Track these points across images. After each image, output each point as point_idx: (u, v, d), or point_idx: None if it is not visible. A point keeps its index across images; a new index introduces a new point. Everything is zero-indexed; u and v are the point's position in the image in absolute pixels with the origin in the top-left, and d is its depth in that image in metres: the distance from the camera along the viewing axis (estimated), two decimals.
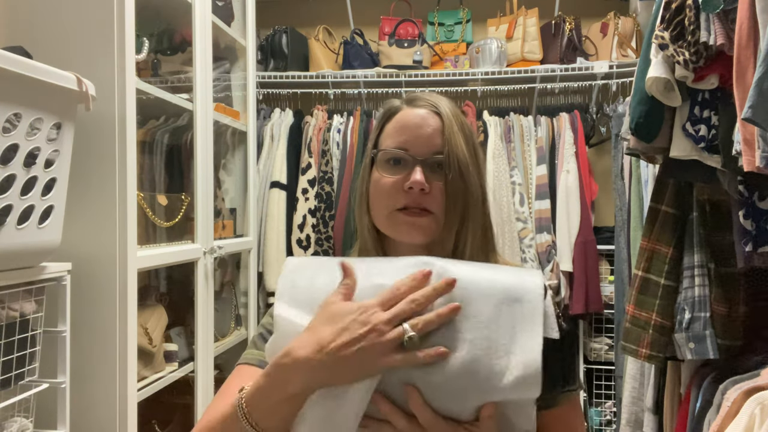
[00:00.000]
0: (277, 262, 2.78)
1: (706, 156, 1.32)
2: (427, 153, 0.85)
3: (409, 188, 0.84)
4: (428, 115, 0.88)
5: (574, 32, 2.84)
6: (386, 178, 0.86)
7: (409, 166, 0.85)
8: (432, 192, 0.85)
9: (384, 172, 0.87)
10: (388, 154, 0.87)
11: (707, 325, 1.39)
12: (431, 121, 0.87)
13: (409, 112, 0.89)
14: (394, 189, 0.85)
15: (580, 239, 2.64)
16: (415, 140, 0.86)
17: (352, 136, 2.84)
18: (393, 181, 0.86)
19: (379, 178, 0.87)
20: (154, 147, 2.02)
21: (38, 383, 1.32)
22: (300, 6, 3.24)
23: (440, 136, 0.86)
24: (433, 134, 0.86)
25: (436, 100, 0.90)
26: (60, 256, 1.37)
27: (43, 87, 1.18)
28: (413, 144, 0.86)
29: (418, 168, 0.84)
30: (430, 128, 0.86)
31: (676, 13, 1.26)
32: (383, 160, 0.87)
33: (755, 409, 1.02)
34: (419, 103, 0.89)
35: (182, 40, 2.10)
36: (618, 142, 2.59)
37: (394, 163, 0.86)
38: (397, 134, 0.87)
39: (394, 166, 0.86)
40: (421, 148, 0.86)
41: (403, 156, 0.86)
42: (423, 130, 0.86)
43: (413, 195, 0.84)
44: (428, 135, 0.86)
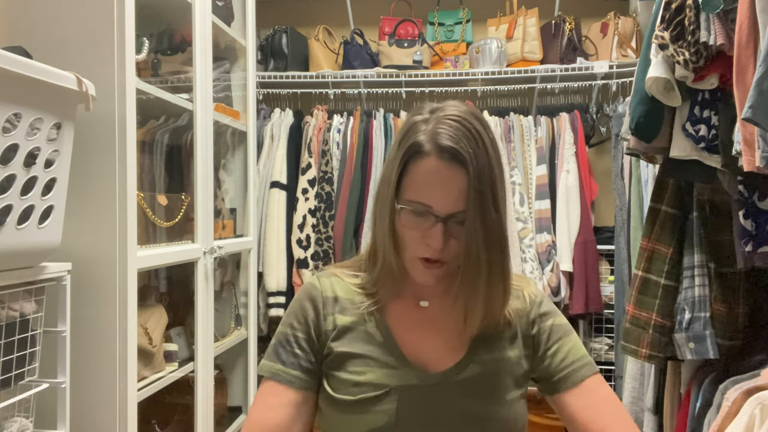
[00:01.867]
0: (277, 262, 2.78)
1: (706, 156, 1.32)
2: (449, 211, 0.85)
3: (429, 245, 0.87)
4: (455, 172, 0.84)
5: (574, 32, 2.84)
6: (409, 230, 0.88)
7: (431, 221, 0.86)
8: (450, 244, 0.87)
9: (407, 221, 0.88)
10: (413, 208, 0.87)
11: (707, 325, 1.39)
12: (457, 179, 0.84)
13: (436, 165, 0.85)
14: (416, 240, 0.88)
15: (580, 239, 2.64)
16: (441, 200, 0.85)
17: (352, 136, 2.84)
18: (416, 235, 0.88)
19: (403, 228, 0.89)
20: (154, 147, 2.02)
21: (38, 383, 1.32)
22: (300, 6, 3.24)
23: (464, 196, 0.85)
24: (458, 195, 0.85)
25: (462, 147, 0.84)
26: (60, 256, 1.37)
27: (43, 87, 1.18)
28: (436, 201, 0.85)
29: (439, 226, 0.85)
30: (456, 187, 0.84)
31: (676, 13, 1.26)
32: (406, 212, 0.88)
33: (755, 409, 1.02)
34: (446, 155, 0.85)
35: (182, 40, 2.10)
36: (618, 142, 2.59)
37: (416, 215, 0.87)
38: (422, 187, 0.86)
39: (417, 216, 0.87)
40: (446, 207, 0.85)
41: (427, 213, 0.86)
42: (448, 192, 0.85)
43: (432, 251, 0.87)
44: (454, 195, 0.85)
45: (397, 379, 0.91)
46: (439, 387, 0.91)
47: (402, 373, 0.91)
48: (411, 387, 0.91)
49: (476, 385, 0.92)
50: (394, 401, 0.89)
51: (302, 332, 0.96)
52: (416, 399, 0.90)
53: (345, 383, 0.91)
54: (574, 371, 0.96)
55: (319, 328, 0.96)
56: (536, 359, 0.98)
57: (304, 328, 0.96)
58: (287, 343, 0.96)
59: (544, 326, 0.98)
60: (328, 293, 0.98)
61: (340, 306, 0.97)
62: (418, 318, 0.97)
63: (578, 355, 0.97)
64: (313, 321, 0.96)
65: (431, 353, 0.94)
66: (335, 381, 0.93)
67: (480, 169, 0.84)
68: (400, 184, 0.88)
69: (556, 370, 0.96)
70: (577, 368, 0.96)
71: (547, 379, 0.97)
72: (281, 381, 0.93)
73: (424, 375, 0.92)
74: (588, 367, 0.97)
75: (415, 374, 0.91)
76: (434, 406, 0.91)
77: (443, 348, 0.94)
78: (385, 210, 0.90)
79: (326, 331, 0.95)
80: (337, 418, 0.92)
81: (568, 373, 0.96)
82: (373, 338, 0.94)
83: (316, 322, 0.96)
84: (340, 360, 0.93)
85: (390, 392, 0.90)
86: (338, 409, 0.91)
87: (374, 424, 0.89)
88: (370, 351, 0.93)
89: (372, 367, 0.92)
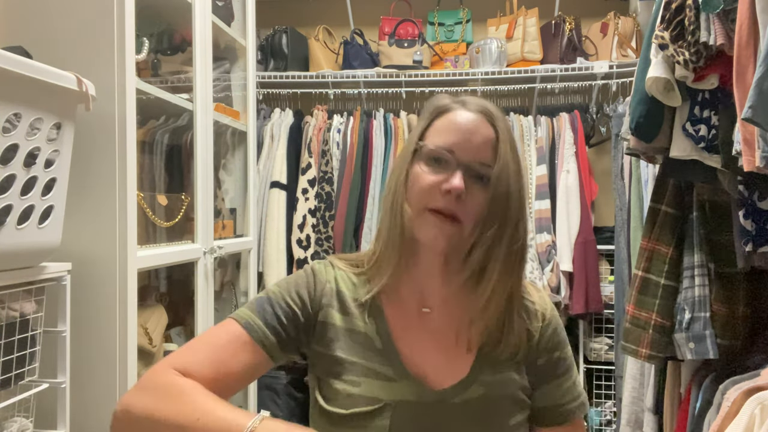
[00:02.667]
0: (277, 262, 2.78)
1: (706, 156, 1.32)
2: (473, 160, 0.83)
3: (447, 191, 0.82)
4: (482, 122, 0.84)
5: (574, 32, 2.84)
6: (426, 175, 0.84)
7: (451, 168, 0.82)
8: (467, 201, 0.82)
9: (425, 168, 0.84)
10: (434, 152, 0.84)
11: (707, 325, 1.39)
12: (484, 129, 0.84)
13: (463, 114, 0.85)
14: (432, 188, 0.83)
15: (580, 239, 2.64)
16: (464, 144, 0.83)
17: (352, 136, 2.84)
18: (432, 179, 0.83)
19: (419, 174, 0.85)
20: (154, 147, 2.02)
21: (38, 383, 1.32)
22: (300, 6, 3.24)
23: (490, 148, 0.83)
24: (484, 144, 0.83)
25: (491, 109, 0.86)
26: (60, 256, 1.37)
27: (43, 87, 1.18)
28: (461, 147, 0.83)
29: (459, 172, 0.82)
30: (481, 136, 0.83)
31: (676, 13, 1.26)
32: (426, 156, 0.84)
33: (755, 409, 1.02)
34: (473, 108, 0.86)
35: (182, 40, 2.10)
36: (618, 142, 2.59)
37: (436, 162, 0.84)
38: (447, 133, 0.84)
39: (436, 164, 0.84)
40: (469, 153, 0.83)
41: (448, 157, 0.83)
42: (474, 137, 0.83)
43: (448, 199, 0.82)
44: (479, 143, 0.83)
45: (393, 394, 0.85)
46: (437, 406, 0.86)
47: (399, 387, 0.86)
48: (407, 403, 0.85)
49: (478, 409, 0.87)
50: (387, 418, 0.84)
51: (295, 306, 0.90)
52: (411, 417, 0.85)
53: (338, 394, 0.86)
54: (568, 410, 0.94)
55: (311, 313, 0.91)
56: (537, 390, 0.94)
57: (297, 304, 0.90)
58: (277, 306, 0.89)
59: (551, 358, 0.94)
60: (332, 285, 0.93)
61: (341, 304, 0.92)
62: (420, 325, 0.91)
63: (575, 394, 0.96)
64: (311, 303, 0.91)
65: (432, 367, 0.88)
66: (329, 390, 0.88)
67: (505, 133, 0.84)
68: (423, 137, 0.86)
69: (552, 404, 0.94)
70: (572, 408, 0.95)
71: (540, 410, 0.94)
72: (253, 336, 0.85)
73: (422, 391, 0.86)
74: (581, 408, 0.96)
75: (413, 389, 0.86)
76: (430, 426, 0.85)
77: (445, 363, 0.89)
78: (404, 160, 0.87)
79: (320, 322, 0.90)
80: (329, 430, 0.86)
81: (562, 410, 0.94)
82: (373, 344, 0.89)
83: (312, 307, 0.91)
84: (335, 365, 0.88)
85: (384, 408, 0.84)
86: (329, 421, 0.86)
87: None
88: (368, 358, 0.88)
89: (368, 378, 0.86)
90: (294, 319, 0.89)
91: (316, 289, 0.92)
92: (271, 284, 0.95)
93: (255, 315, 0.88)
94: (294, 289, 0.92)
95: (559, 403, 0.94)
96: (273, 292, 0.91)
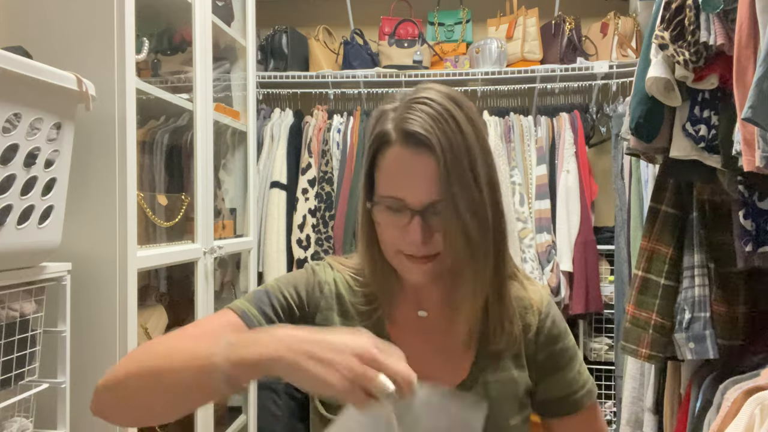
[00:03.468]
0: (277, 262, 2.78)
1: (706, 156, 1.32)
2: (424, 201, 0.79)
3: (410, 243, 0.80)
4: (422, 159, 0.78)
5: (574, 32, 2.84)
6: (386, 226, 0.82)
7: (407, 215, 0.80)
8: (434, 236, 0.80)
9: (382, 218, 0.82)
10: (386, 201, 0.81)
11: (707, 325, 1.39)
12: (425, 166, 0.78)
13: (402, 153, 0.79)
14: (396, 238, 0.82)
15: (580, 239, 2.64)
16: (411, 189, 0.79)
17: (352, 136, 2.84)
18: (394, 232, 0.82)
19: (380, 222, 0.83)
20: (154, 147, 2.02)
21: (38, 383, 1.32)
22: (300, 6, 3.24)
23: (436, 183, 0.78)
24: (429, 181, 0.78)
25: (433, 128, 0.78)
26: (60, 256, 1.37)
27: (43, 87, 1.18)
28: (410, 193, 0.79)
29: (416, 220, 0.79)
30: (425, 176, 0.78)
31: (676, 13, 1.26)
32: (381, 203, 0.82)
33: (755, 409, 1.02)
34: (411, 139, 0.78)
35: (182, 40, 2.10)
36: (618, 142, 2.60)
37: (392, 210, 0.81)
38: (393, 179, 0.81)
39: (393, 213, 0.81)
40: (417, 197, 0.79)
41: (401, 206, 0.80)
42: (417, 179, 0.78)
43: (415, 247, 0.80)
44: (424, 185, 0.78)
45: None
46: None
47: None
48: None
49: None
50: None
51: (292, 301, 0.90)
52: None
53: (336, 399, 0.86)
54: (576, 399, 0.94)
55: (308, 312, 0.91)
56: (541, 384, 0.93)
57: (295, 300, 0.90)
58: (274, 298, 0.89)
59: (553, 351, 0.93)
60: (332, 288, 0.92)
61: (341, 307, 0.92)
62: (418, 328, 0.91)
63: (581, 382, 0.94)
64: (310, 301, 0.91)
65: (431, 370, 0.86)
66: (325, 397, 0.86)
67: (452, 151, 0.77)
68: (372, 178, 0.83)
69: (558, 395, 0.93)
70: (580, 397, 0.94)
71: (546, 402, 0.94)
72: (247, 323, 0.86)
73: None
74: (589, 395, 0.95)
75: None
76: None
77: (444, 365, 0.89)
78: (362, 209, 0.85)
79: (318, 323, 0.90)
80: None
81: (570, 401, 0.93)
82: None
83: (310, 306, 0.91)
84: None
85: None
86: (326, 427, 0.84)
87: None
88: None
89: None
90: (290, 312, 0.89)
91: (315, 289, 0.92)
92: (271, 280, 0.94)
93: (251, 305, 0.88)
94: (292, 284, 0.92)
95: (566, 394, 0.94)
96: (271, 286, 0.91)
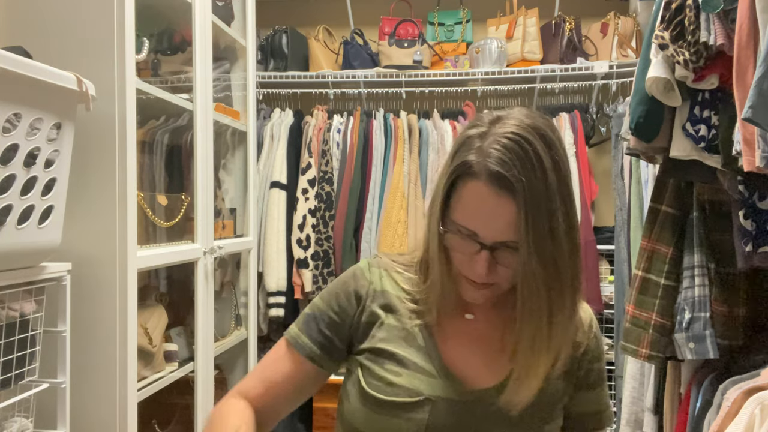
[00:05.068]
0: (277, 262, 2.78)
1: (706, 156, 1.32)
2: (496, 239, 0.79)
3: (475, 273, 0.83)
4: (501, 200, 0.77)
5: (574, 32, 2.84)
6: (455, 250, 0.84)
7: (476, 247, 0.81)
8: (498, 269, 0.82)
9: (453, 243, 0.84)
10: (459, 228, 0.82)
11: (707, 325, 1.39)
12: (504, 208, 0.77)
13: (483, 191, 0.78)
14: (462, 263, 0.84)
15: (580, 239, 2.64)
16: (485, 227, 0.79)
17: (352, 136, 2.84)
18: (461, 256, 0.84)
19: (450, 243, 0.85)
20: (154, 147, 2.02)
21: (38, 383, 1.32)
22: (300, 6, 3.24)
23: (512, 228, 0.78)
24: (505, 223, 0.78)
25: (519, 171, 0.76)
26: (60, 256, 1.37)
27: (43, 87, 1.18)
28: (482, 228, 0.80)
29: (484, 253, 0.80)
30: (501, 219, 0.78)
31: (676, 13, 1.26)
32: (453, 230, 0.83)
33: (755, 409, 1.02)
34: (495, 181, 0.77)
35: (182, 40, 2.10)
36: (618, 142, 2.59)
37: (462, 238, 0.82)
38: (469, 212, 0.81)
39: (463, 239, 0.82)
40: (491, 234, 0.79)
41: (472, 237, 0.81)
42: (494, 218, 0.78)
43: (479, 276, 0.82)
44: (499, 226, 0.78)
45: (433, 389, 0.87)
46: (475, 405, 0.87)
47: (439, 384, 0.88)
48: (447, 400, 0.87)
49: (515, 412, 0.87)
50: (426, 412, 0.85)
51: (337, 317, 0.94)
52: (450, 413, 0.86)
53: (380, 379, 0.88)
54: (598, 420, 0.97)
55: (354, 319, 0.94)
56: (573, 398, 0.95)
57: (339, 314, 0.94)
58: (320, 320, 0.94)
59: (591, 368, 0.96)
60: (377, 286, 0.94)
61: (385, 300, 0.93)
62: (463, 328, 0.93)
63: (606, 404, 0.99)
64: (352, 310, 0.94)
65: (472, 368, 0.90)
66: (369, 374, 0.89)
67: (533, 199, 0.76)
68: (449, 201, 0.83)
69: (583, 413, 0.96)
70: (601, 418, 0.98)
71: (570, 418, 0.96)
72: (301, 351, 0.93)
73: (462, 389, 0.88)
74: (609, 419, 0.99)
75: (453, 387, 0.87)
76: (468, 424, 0.86)
77: (486, 364, 0.90)
78: (434, 227, 0.86)
79: (364, 323, 0.93)
80: (365, 413, 0.88)
81: (591, 419, 0.97)
82: (415, 340, 0.90)
83: (354, 313, 0.94)
84: (377, 355, 0.90)
85: (424, 402, 0.86)
86: (366, 405, 0.88)
87: (401, 430, 0.85)
88: (409, 353, 0.89)
89: (410, 370, 0.88)
90: (338, 330, 0.94)
91: (357, 294, 0.95)
92: (316, 297, 0.99)
93: (301, 332, 0.95)
94: (335, 300, 0.95)
95: (592, 412, 0.97)
96: (316, 305, 0.96)
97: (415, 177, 2.77)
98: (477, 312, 0.93)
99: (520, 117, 0.81)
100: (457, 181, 0.81)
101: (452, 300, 0.91)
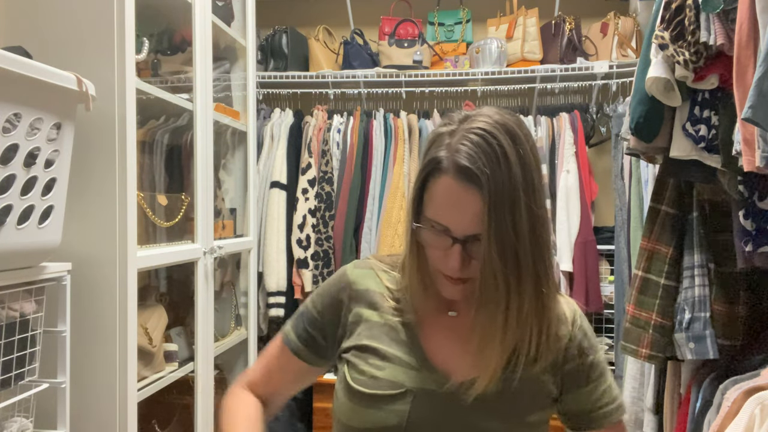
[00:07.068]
0: (277, 262, 2.78)
1: (706, 156, 1.32)
2: (466, 233, 0.82)
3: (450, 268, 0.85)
4: (468, 194, 0.80)
5: (574, 32, 2.84)
6: (430, 246, 0.87)
7: (449, 242, 0.83)
8: (473, 265, 0.84)
9: (426, 239, 0.87)
10: (432, 224, 0.85)
11: (707, 325, 1.39)
12: (473, 198, 0.80)
13: (451, 185, 0.81)
14: (437, 259, 0.87)
15: (580, 239, 2.64)
16: (455, 219, 0.82)
17: (352, 136, 2.84)
18: (436, 252, 0.86)
19: (425, 241, 0.87)
20: (154, 147, 2.02)
21: (38, 383, 1.32)
22: (300, 6, 3.24)
23: (478, 220, 0.80)
24: (473, 215, 0.80)
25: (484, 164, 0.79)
26: (60, 256, 1.37)
27: (43, 87, 1.18)
28: (453, 222, 0.82)
29: (456, 247, 0.83)
30: (470, 209, 0.80)
31: (676, 13, 1.26)
32: (427, 227, 0.86)
33: (755, 409, 1.02)
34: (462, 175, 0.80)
35: (182, 40, 2.10)
36: (618, 142, 2.59)
37: (435, 234, 0.85)
38: (439, 206, 0.84)
39: (436, 235, 0.85)
40: (461, 227, 0.82)
41: (444, 233, 0.84)
42: (463, 212, 0.81)
43: (453, 271, 0.85)
44: (468, 218, 0.81)
45: (415, 381, 0.89)
46: (456, 396, 0.88)
47: (421, 376, 0.90)
48: (428, 391, 0.89)
49: (497, 401, 0.88)
50: (408, 403, 0.88)
51: (319, 315, 0.99)
52: (431, 404, 0.88)
53: (364, 374, 0.91)
54: (605, 413, 0.95)
55: (338, 318, 0.97)
56: (568, 394, 0.94)
57: (321, 312, 0.99)
58: (305, 318, 1.00)
59: (582, 363, 0.94)
60: (359, 285, 0.98)
61: (367, 298, 0.96)
62: (446, 324, 0.95)
63: (611, 397, 0.96)
64: (334, 311, 0.98)
65: (454, 361, 0.91)
66: (354, 370, 0.92)
67: (497, 191, 0.78)
68: (422, 199, 0.86)
69: (588, 409, 0.95)
70: (609, 411, 0.95)
71: (575, 416, 0.96)
72: (290, 348, 1.00)
73: (443, 381, 0.89)
74: (619, 411, 0.96)
75: (435, 379, 0.90)
76: (449, 415, 0.88)
77: (468, 357, 0.91)
78: (409, 225, 0.89)
79: (350, 323, 0.96)
80: (350, 407, 0.91)
81: (598, 414, 0.95)
82: (398, 335, 0.93)
83: (337, 313, 0.97)
84: (362, 351, 0.93)
85: (406, 393, 0.88)
86: (353, 399, 0.91)
87: (384, 422, 0.88)
88: (392, 348, 0.92)
89: (392, 363, 0.91)
90: (320, 329, 0.99)
91: (341, 293, 0.98)
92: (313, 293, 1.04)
93: (291, 328, 1.02)
94: (320, 300, 1.00)
95: (597, 407, 0.95)
96: (307, 302, 1.02)
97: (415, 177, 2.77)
98: (461, 309, 0.95)
99: (489, 114, 0.84)
100: (428, 177, 0.84)
101: (433, 297, 0.93)
